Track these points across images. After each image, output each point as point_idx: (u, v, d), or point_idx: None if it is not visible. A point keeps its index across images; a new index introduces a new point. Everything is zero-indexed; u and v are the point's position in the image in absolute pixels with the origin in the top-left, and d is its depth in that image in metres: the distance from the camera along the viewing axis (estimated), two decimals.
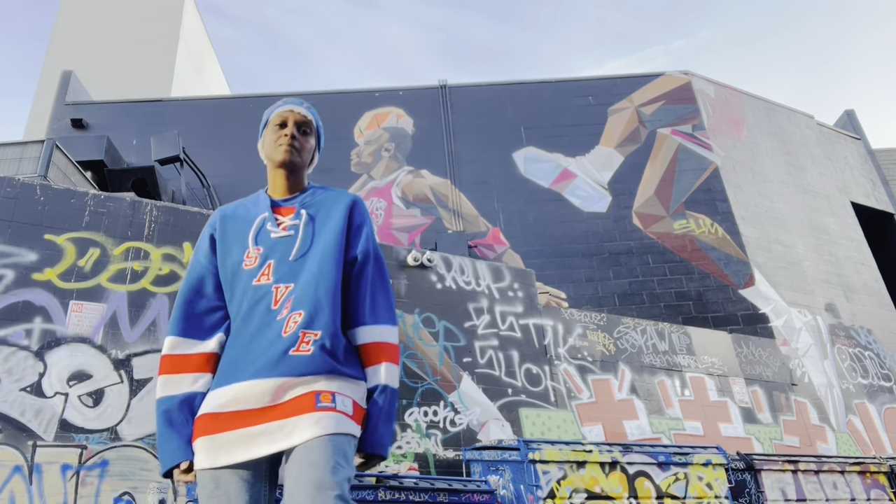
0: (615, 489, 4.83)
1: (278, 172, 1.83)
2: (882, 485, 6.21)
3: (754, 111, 13.61)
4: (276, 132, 1.83)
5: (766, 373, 9.26)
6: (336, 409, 1.52)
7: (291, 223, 1.76)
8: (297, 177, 1.85)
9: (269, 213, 1.78)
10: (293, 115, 1.84)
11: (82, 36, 19.41)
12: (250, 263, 1.70)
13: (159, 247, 6.23)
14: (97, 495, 5.04)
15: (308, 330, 1.59)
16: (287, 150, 1.79)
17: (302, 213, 1.78)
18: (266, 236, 1.74)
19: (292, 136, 1.81)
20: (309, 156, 1.88)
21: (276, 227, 1.75)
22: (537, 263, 10.71)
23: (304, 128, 1.85)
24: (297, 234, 1.73)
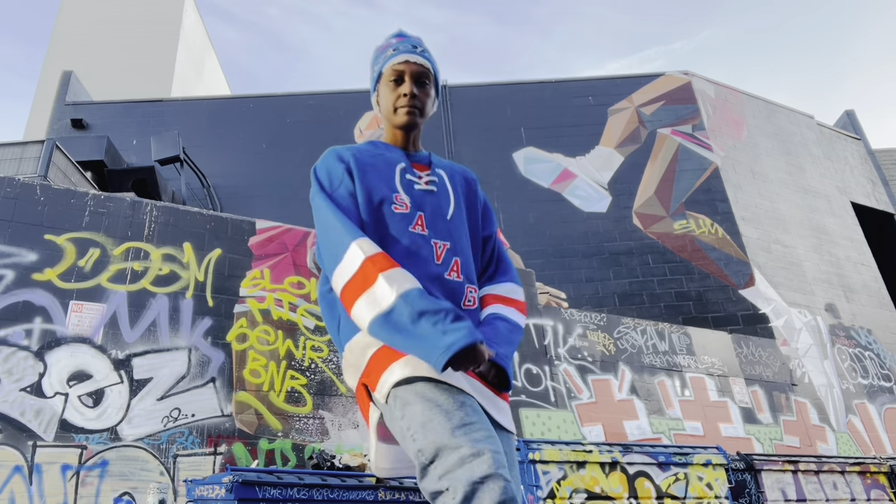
0: (615, 489, 4.83)
1: (398, 131, 1.66)
2: (882, 485, 6.20)
3: (754, 111, 13.61)
4: (392, 91, 1.62)
5: (767, 373, 9.25)
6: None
7: (430, 179, 1.63)
8: (417, 133, 1.69)
9: (407, 165, 1.62)
10: (409, 68, 1.60)
11: (82, 36, 19.41)
12: (401, 208, 1.52)
13: (159, 247, 6.23)
14: (97, 495, 5.04)
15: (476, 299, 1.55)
16: (408, 114, 1.60)
17: (441, 173, 1.66)
18: (410, 186, 1.58)
19: (412, 95, 1.60)
20: (431, 108, 1.69)
21: (419, 180, 1.60)
22: (537, 263, 10.71)
23: (423, 79, 1.63)
24: (446, 192, 1.62)
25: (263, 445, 5.82)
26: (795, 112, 14.42)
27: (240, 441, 5.75)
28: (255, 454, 5.75)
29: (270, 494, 3.78)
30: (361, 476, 4.36)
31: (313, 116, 12.34)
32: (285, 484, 3.85)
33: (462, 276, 1.50)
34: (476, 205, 1.69)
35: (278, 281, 6.63)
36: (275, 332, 6.39)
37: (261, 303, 6.44)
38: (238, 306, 6.35)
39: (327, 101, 12.55)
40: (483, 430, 1.24)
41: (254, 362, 6.15)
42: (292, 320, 6.52)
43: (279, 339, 6.37)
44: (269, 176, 11.60)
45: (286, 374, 6.25)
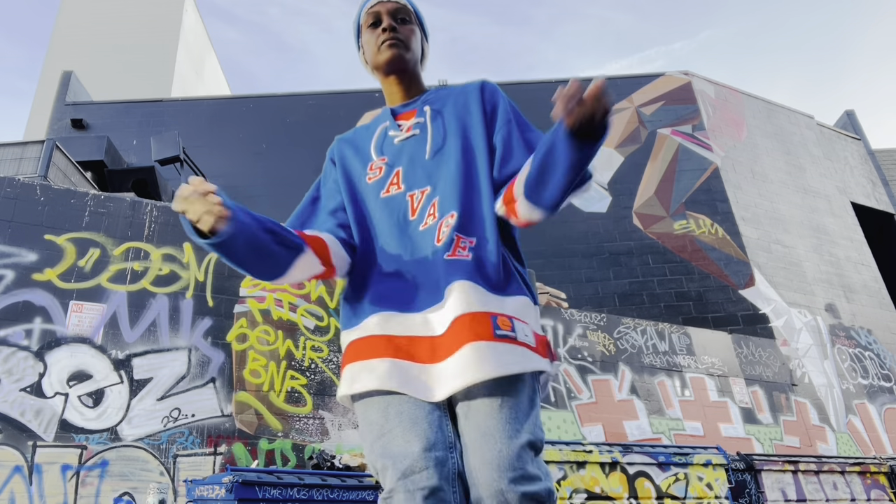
0: (615, 489, 4.83)
1: (390, 80, 1.56)
2: (882, 485, 6.20)
3: (754, 111, 13.61)
4: (372, 33, 1.54)
5: (767, 373, 9.25)
6: (518, 341, 1.25)
7: (415, 122, 1.51)
8: (412, 76, 1.56)
9: (391, 121, 1.54)
10: (384, 7, 1.53)
11: (82, 36, 19.41)
12: (374, 175, 1.47)
13: (159, 247, 6.23)
14: (97, 495, 5.03)
15: (462, 234, 1.34)
16: (390, 45, 1.49)
17: (426, 110, 1.51)
18: (389, 143, 1.50)
19: (391, 27, 1.50)
20: (418, 45, 1.56)
21: (400, 131, 1.51)
22: (537, 264, 10.71)
23: (401, 15, 1.54)
24: (426, 131, 1.48)
25: (263, 445, 5.82)
26: (795, 112, 14.42)
27: (240, 441, 5.75)
28: (255, 454, 5.75)
29: (270, 494, 3.78)
30: (361, 476, 4.36)
31: (313, 116, 12.34)
32: (285, 484, 3.85)
33: (438, 216, 1.36)
34: (480, 118, 1.47)
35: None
36: (275, 333, 6.39)
37: (261, 303, 6.44)
38: (238, 306, 6.35)
39: (327, 101, 12.55)
40: (392, 438, 1.21)
41: (254, 362, 6.15)
42: (292, 320, 6.52)
43: (279, 339, 6.37)
44: (269, 176, 11.60)
45: (286, 374, 6.25)
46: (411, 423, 1.21)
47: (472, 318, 1.24)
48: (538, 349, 1.28)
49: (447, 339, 1.25)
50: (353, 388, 1.29)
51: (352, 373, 1.31)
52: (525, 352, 1.24)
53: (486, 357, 1.19)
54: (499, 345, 1.22)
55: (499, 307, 1.28)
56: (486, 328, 1.23)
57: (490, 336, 1.22)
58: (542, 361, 1.26)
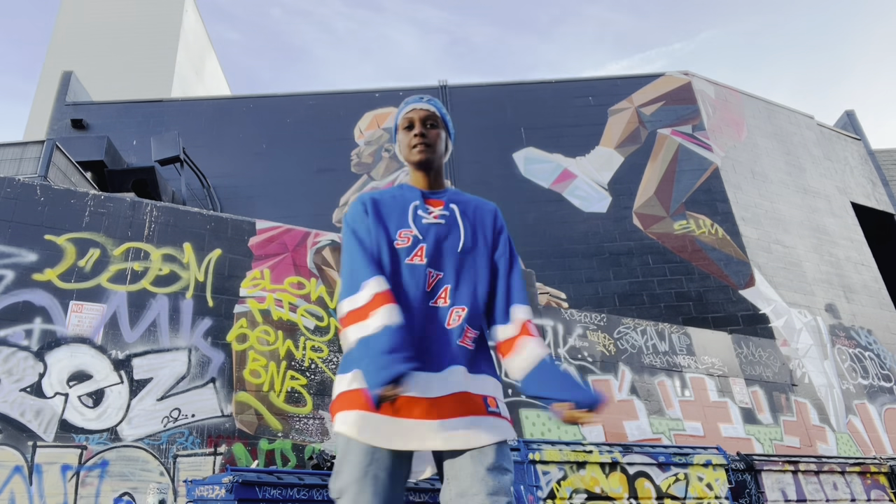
0: (615, 490, 4.83)
1: (418, 172, 1.90)
2: (882, 485, 6.20)
3: (754, 112, 13.61)
4: (406, 135, 1.90)
5: (767, 373, 9.25)
6: (502, 416, 1.65)
7: (441, 213, 1.83)
8: (437, 171, 1.91)
9: (420, 201, 1.84)
10: (417, 114, 1.89)
11: (82, 36, 19.41)
12: (403, 243, 1.75)
13: (159, 247, 6.23)
14: (97, 496, 5.03)
15: (470, 327, 1.72)
16: (421, 151, 1.86)
17: (453, 207, 1.86)
18: (419, 220, 1.80)
19: (421, 134, 1.86)
20: (442, 146, 1.92)
21: (428, 214, 1.82)
22: (537, 264, 10.71)
23: (431, 122, 1.90)
24: (455, 225, 1.81)
25: (263, 446, 5.82)
26: (795, 112, 14.42)
27: (240, 441, 5.75)
28: (255, 454, 5.75)
29: (270, 495, 3.78)
30: None
31: (313, 116, 12.35)
32: (285, 484, 3.85)
33: (449, 301, 1.72)
34: (485, 232, 1.86)
35: (278, 281, 6.63)
36: (275, 333, 6.39)
37: (261, 303, 6.44)
38: (238, 306, 6.35)
39: (327, 101, 12.56)
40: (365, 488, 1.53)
41: (254, 362, 6.15)
42: (292, 320, 6.52)
43: (279, 339, 6.37)
44: (269, 176, 11.60)
45: (286, 374, 6.25)
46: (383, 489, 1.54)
47: (469, 397, 1.63)
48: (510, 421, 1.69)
49: (447, 404, 1.60)
50: (353, 434, 1.59)
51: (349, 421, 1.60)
52: (507, 424, 1.66)
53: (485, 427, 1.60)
54: (490, 419, 1.63)
55: (484, 389, 1.67)
56: (481, 407, 1.63)
57: (484, 412, 1.63)
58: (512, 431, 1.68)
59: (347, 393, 1.65)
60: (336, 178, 11.61)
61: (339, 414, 1.64)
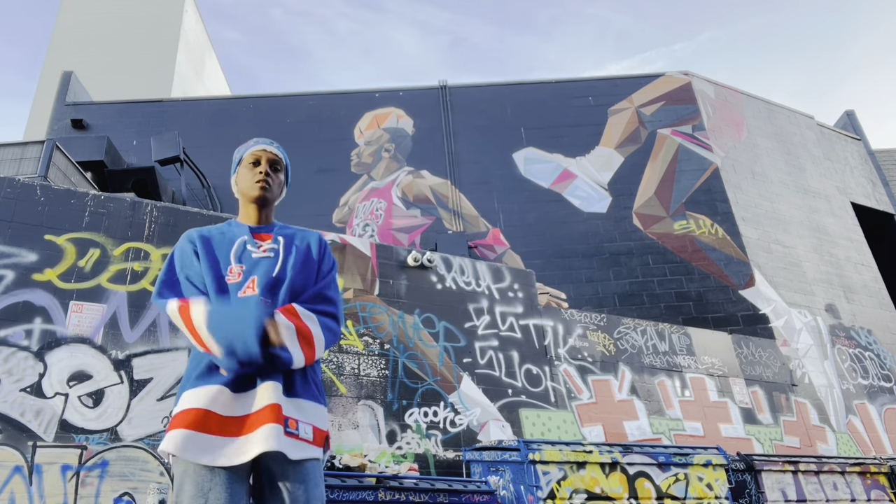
0: (615, 490, 4.83)
1: (252, 206, 2.03)
2: (882, 485, 6.20)
3: (754, 112, 13.61)
4: (250, 170, 2.03)
5: (767, 373, 9.26)
6: (300, 438, 1.75)
7: (270, 247, 1.95)
8: (268, 210, 2.06)
9: (249, 236, 1.97)
10: (266, 154, 2.04)
11: (82, 36, 19.41)
12: (234, 279, 1.86)
13: (159, 247, 6.23)
14: (97, 496, 5.03)
15: None
16: (262, 187, 2.00)
17: (280, 239, 1.99)
18: (248, 256, 1.91)
19: (266, 173, 2.01)
20: (280, 191, 2.09)
21: (257, 249, 1.94)
22: (537, 264, 10.71)
23: (276, 165, 2.06)
24: (278, 255, 1.93)
25: None
26: (795, 112, 14.42)
27: None
28: None
29: None
30: (361, 476, 4.36)
31: (313, 117, 12.35)
32: None
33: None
34: (309, 256, 1.99)
35: None
36: None
37: None
38: None
39: (328, 101, 12.56)
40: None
41: None
42: None
43: None
44: None
45: None
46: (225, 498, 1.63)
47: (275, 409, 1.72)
48: (315, 441, 1.79)
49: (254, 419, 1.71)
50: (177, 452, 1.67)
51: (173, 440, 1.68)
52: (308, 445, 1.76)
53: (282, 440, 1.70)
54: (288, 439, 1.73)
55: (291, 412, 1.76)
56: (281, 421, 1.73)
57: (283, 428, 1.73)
58: (315, 451, 1.78)
59: (179, 414, 1.73)
60: (336, 178, 11.61)
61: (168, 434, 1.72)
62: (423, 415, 6.65)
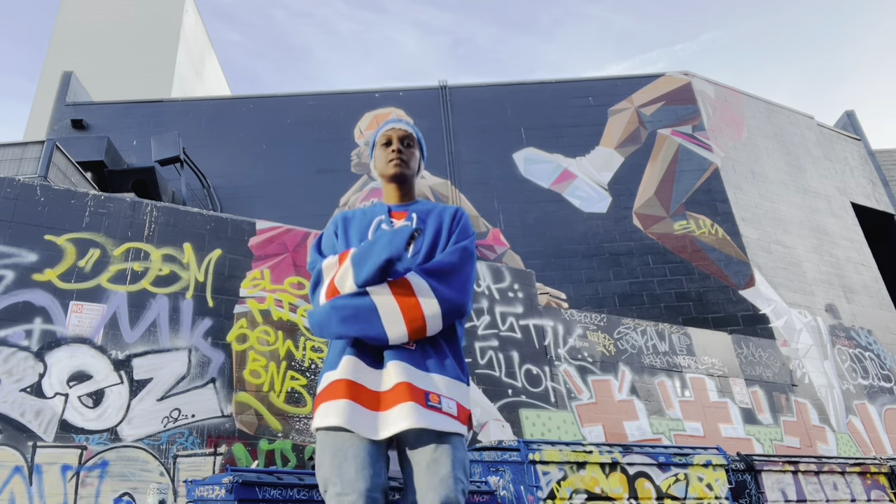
0: (615, 490, 4.83)
1: (391, 186, 2.06)
2: (882, 486, 6.20)
3: (754, 112, 13.61)
4: (384, 151, 2.06)
5: (767, 373, 9.25)
6: (444, 412, 1.71)
7: (403, 224, 1.96)
8: (407, 186, 2.07)
9: (386, 216, 2.00)
10: (395, 133, 2.06)
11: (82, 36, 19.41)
12: None
13: (159, 247, 6.23)
14: (97, 496, 5.03)
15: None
16: (396, 165, 2.02)
17: (413, 216, 1.99)
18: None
19: (398, 150, 2.03)
20: (416, 164, 2.10)
21: (391, 227, 1.95)
22: (537, 264, 10.71)
23: (408, 141, 2.07)
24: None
25: (263, 446, 5.82)
26: (795, 112, 14.42)
27: (240, 441, 5.75)
28: (255, 455, 5.75)
29: (270, 495, 3.77)
30: None
31: (313, 117, 12.35)
32: (285, 484, 3.84)
33: None
34: (441, 232, 1.96)
35: (278, 281, 6.63)
36: (275, 333, 6.39)
37: (261, 303, 6.44)
38: (238, 307, 6.35)
39: (328, 101, 12.55)
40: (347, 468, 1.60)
41: (254, 363, 6.15)
42: (292, 321, 6.52)
43: (279, 339, 6.37)
44: (269, 176, 11.60)
45: (286, 374, 6.25)
46: (363, 465, 1.60)
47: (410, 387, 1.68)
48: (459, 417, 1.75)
49: (389, 396, 1.69)
50: (323, 423, 1.68)
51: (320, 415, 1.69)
52: (452, 420, 1.71)
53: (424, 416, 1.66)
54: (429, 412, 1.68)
55: (430, 386, 1.72)
56: (421, 398, 1.68)
57: (424, 404, 1.68)
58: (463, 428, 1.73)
59: (321, 393, 1.74)
60: (336, 179, 11.61)
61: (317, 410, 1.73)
62: None
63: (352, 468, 1.58)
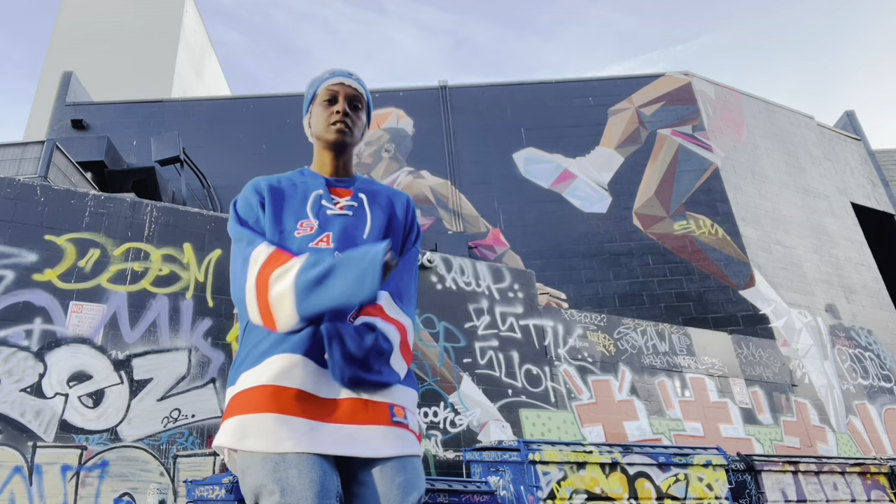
0: (615, 490, 4.83)
1: (327, 153, 1.69)
2: (882, 486, 6.20)
3: (754, 112, 13.61)
4: (325, 109, 1.67)
5: (767, 374, 9.25)
6: (409, 428, 1.47)
7: (348, 204, 1.63)
8: (347, 156, 1.71)
9: (325, 190, 1.64)
10: (343, 90, 1.67)
11: (82, 36, 19.41)
12: (303, 232, 1.55)
13: (159, 247, 6.23)
14: (97, 496, 5.03)
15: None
16: (339, 130, 1.64)
17: (361, 196, 1.66)
18: (322, 212, 1.59)
19: (344, 112, 1.65)
20: (360, 133, 1.72)
21: (333, 206, 1.61)
22: (537, 264, 10.71)
23: (356, 102, 1.69)
24: (363, 214, 1.62)
25: None
26: (795, 113, 14.42)
27: None
28: None
29: None
30: None
31: None
32: None
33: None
34: (393, 220, 1.67)
35: None
36: None
37: None
38: None
39: None
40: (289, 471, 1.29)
41: None
42: None
43: None
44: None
45: None
46: (309, 468, 1.29)
47: (371, 404, 1.41)
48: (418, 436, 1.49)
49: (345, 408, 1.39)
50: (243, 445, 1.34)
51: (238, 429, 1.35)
52: (414, 437, 1.46)
53: (392, 437, 1.40)
54: (396, 429, 1.42)
55: (391, 397, 1.45)
56: (386, 415, 1.42)
57: (389, 422, 1.42)
58: (420, 448, 1.48)
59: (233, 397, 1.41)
60: None
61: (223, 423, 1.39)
62: (423, 415, 6.65)
63: (293, 471, 1.27)
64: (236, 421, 1.36)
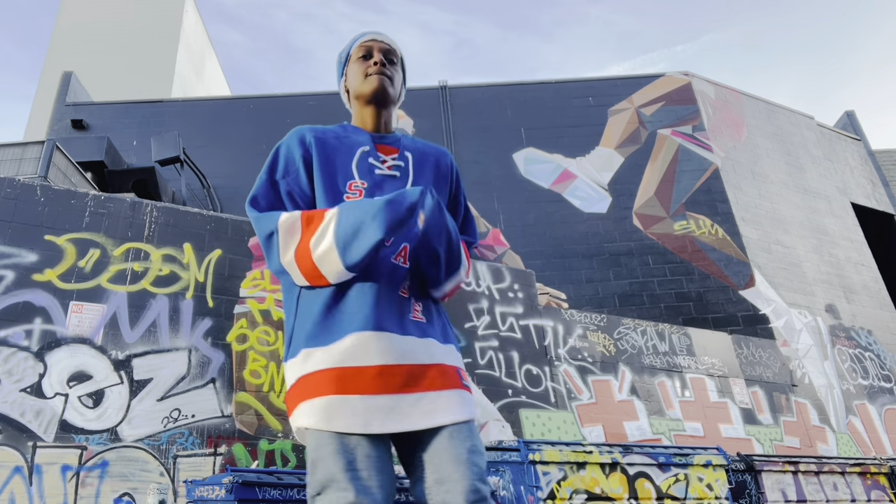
0: (615, 490, 4.83)
1: (368, 109, 1.60)
2: (882, 486, 6.20)
3: (754, 112, 13.61)
4: (362, 64, 1.60)
5: (767, 374, 9.25)
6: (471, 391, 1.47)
7: (395, 163, 1.55)
8: (388, 113, 1.64)
9: (371, 146, 1.55)
10: (377, 45, 1.61)
11: (82, 36, 19.41)
12: (354, 196, 1.47)
13: (159, 248, 6.23)
14: (97, 496, 5.03)
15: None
16: (379, 79, 1.57)
17: (408, 156, 1.58)
18: (370, 171, 1.52)
19: (382, 63, 1.58)
20: (398, 88, 1.66)
21: (381, 164, 1.54)
22: (537, 264, 10.71)
23: (391, 57, 1.63)
24: (408, 175, 1.55)
25: (263, 446, 5.82)
26: (796, 113, 14.42)
27: (240, 442, 5.75)
28: (255, 455, 5.75)
29: (270, 495, 3.77)
30: None
31: (313, 117, 12.34)
32: (285, 485, 3.84)
33: (409, 263, 1.45)
34: (442, 186, 1.62)
35: (278, 282, 6.62)
36: (275, 333, 6.39)
37: (261, 303, 6.44)
38: (238, 307, 6.35)
39: (328, 101, 12.55)
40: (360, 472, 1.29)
41: (254, 363, 6.16)
42: None
43: (279, 339, 6.38)
44: None
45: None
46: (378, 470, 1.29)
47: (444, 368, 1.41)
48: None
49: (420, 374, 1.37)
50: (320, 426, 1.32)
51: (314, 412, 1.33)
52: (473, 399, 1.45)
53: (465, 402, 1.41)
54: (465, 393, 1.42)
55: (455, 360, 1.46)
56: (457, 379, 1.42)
57: (460, 385, 1.42)
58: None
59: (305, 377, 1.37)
60: None
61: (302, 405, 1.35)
62: None
63: (365, 472, 1.27)
64: (322, 402, 1.32)
